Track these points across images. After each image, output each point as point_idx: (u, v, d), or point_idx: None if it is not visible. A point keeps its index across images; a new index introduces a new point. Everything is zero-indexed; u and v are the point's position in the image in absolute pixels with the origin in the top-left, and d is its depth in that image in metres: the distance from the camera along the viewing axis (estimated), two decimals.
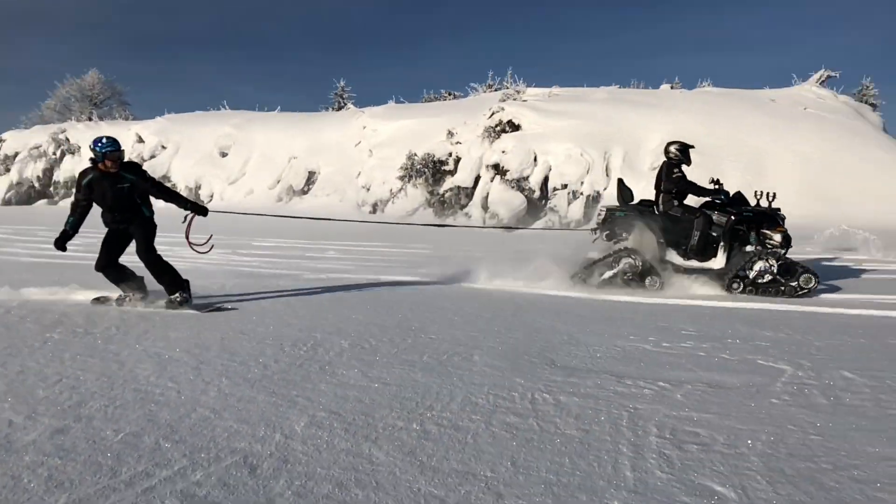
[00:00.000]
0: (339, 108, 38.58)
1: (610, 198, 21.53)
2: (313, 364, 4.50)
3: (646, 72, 44.64)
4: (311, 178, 29.01)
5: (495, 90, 32.59)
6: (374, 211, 25.61)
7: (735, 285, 7.89)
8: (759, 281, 7.86)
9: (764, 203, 8.25)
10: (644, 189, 21.13)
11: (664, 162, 8.41)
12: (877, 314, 6.62)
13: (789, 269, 7.81)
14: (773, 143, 23.51)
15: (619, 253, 8.17)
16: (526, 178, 21.76)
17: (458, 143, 24.98)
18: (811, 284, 7.77)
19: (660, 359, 4.75)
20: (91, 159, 6.23)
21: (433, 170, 24.70)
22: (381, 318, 6.13)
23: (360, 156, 28.43)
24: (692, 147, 8.46)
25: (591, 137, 22.70)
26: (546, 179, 22.19)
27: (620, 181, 8.90)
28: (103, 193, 6.22)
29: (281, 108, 37.27)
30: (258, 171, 30.69)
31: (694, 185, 8.31)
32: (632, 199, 8.62)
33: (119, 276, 6.56)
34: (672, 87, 30.81)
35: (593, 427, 3.35)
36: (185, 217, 6.73)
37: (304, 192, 28.73)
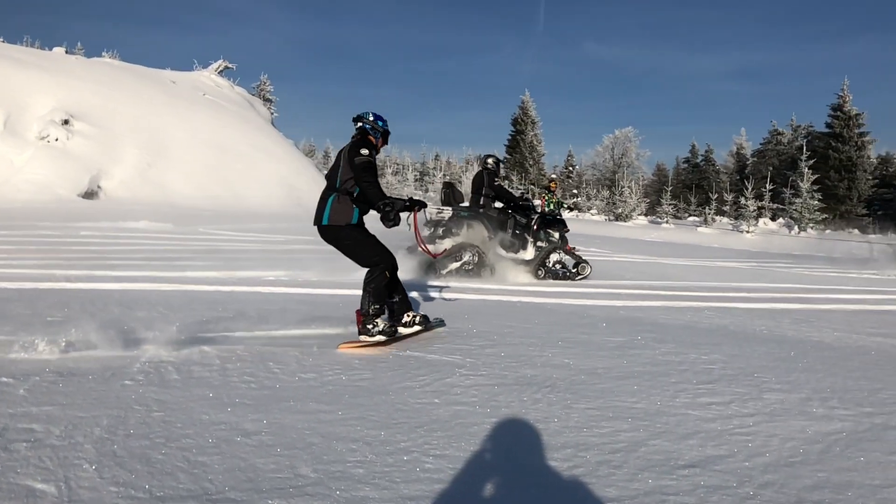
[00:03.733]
0: None
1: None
2: None
3: (41, 29, 40.06)
4: None
5: None
6: None
7: (539, 272, 9.76)
8: (554, 269, 9.89)
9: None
10: (31, 158, 18.99)
11: (482, 171, 10.19)
12: (265, 290, 7.36)
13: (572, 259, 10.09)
14: (175, 124, 23.98)
15: (462, 247, 9.38)
16: None
17: None
18: (586, 272, 9.94)
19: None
20: (361, 135, 5.29)
21: None
22: None
23: None
24: (503, 161, 11.19)
25: None
26: None
27: (450, 184, 10.37)
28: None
29: None
30: None
31: (510, 192, 10.39)
32: (462, 201, 10.16)
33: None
34: (68, 52, 28.44)
35: None
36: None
37: None
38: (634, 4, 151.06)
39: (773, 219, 40.27)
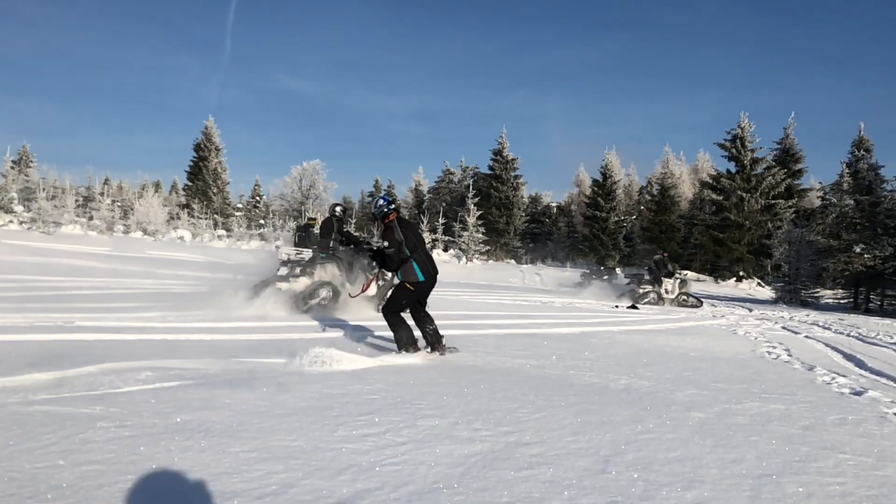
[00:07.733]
0: None
1: None
2: None
3: None
4: None
5: None
6: None
7: (381, 305, 9.98)
8: None
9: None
10: None
11: (331, 217, 11.60)
12: None
13: None
14: None
15: (319, 285, 10.43)
16: None
17: None
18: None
19: None
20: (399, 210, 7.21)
21: None
22: None
23: None
24: (348, 209, 12.18)
25: None
26: None
27: (305, 228, 12.08)
28: None
29: None
30: None
31: (356, 237, 11.15)
32: (316, 244, 11.29)
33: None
34: None
35: None
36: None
37: None
38: (320, 40, 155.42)
39: (445, 250, 43.90)
